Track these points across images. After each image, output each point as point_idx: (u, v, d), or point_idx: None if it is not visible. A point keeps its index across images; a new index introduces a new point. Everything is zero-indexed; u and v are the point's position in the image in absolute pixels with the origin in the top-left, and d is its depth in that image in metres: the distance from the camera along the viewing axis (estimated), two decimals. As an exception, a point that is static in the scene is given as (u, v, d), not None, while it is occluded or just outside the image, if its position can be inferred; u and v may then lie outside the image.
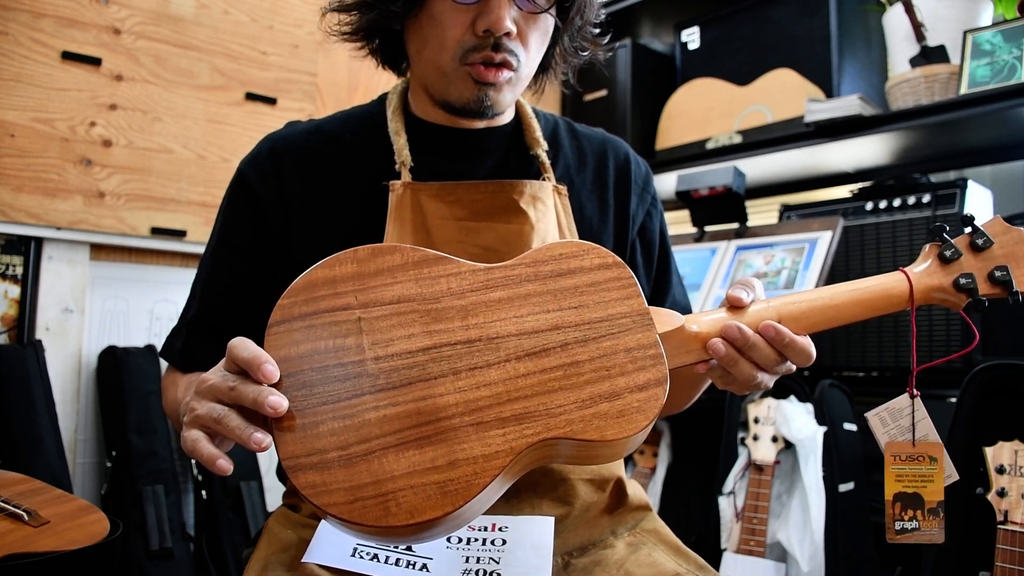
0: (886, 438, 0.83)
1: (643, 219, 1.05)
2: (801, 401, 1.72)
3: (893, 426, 0.83)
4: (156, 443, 1.70)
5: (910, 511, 0.81)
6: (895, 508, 0.81)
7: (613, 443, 0.64)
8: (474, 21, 0.84)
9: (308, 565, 0.80)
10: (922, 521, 0.81)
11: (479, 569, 0.77)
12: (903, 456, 0.82)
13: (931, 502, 0.81)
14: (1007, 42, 1.69)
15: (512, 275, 0.71)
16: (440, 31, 0.85)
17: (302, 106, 2.05)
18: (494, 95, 0.88)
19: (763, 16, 2.19)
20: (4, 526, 1.12)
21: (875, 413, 0.83)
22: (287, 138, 0.96)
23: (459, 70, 0.86)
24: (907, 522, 0.81)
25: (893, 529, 0.81)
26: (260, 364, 0.64)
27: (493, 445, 0.63)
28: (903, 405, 0.82)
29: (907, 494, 0.81)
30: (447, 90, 0.89)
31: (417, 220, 0.90)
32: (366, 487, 0.61)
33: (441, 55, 0.86)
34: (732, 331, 0.71)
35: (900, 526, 0.81)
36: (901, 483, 0.82)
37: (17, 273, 1.69)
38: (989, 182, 2.02)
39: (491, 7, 0.83)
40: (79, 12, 1.72)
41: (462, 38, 0.84)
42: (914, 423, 0.82)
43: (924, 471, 0.81)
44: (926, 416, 0.82)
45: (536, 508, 0.89)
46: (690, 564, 0.89)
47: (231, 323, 0.93)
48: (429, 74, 0.90)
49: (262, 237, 0.93)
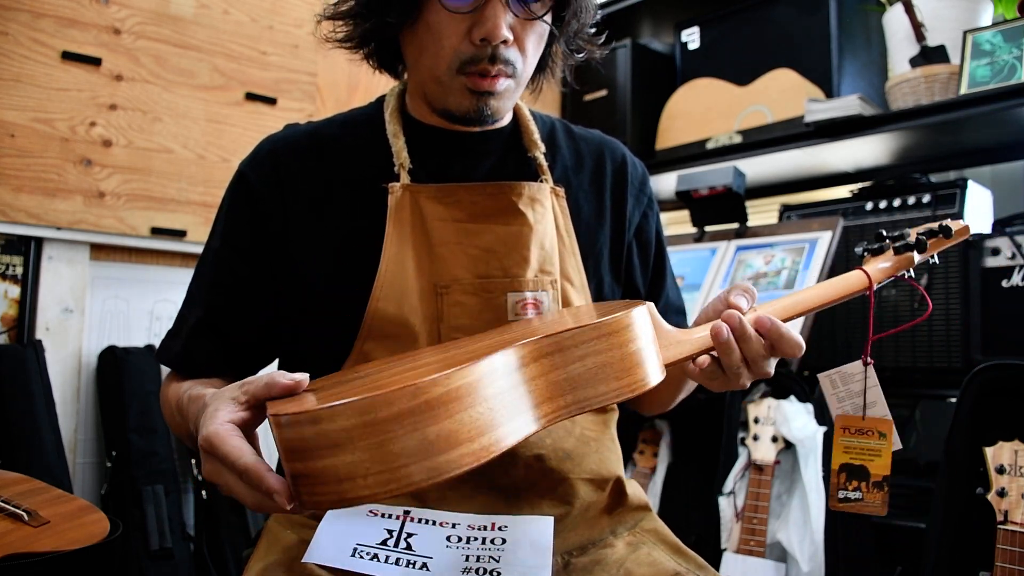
0: (834, 399, 0.86)
1: (639, 220, 1.05)
2: (801, 401, 1.72)
3: (843, 389, 0.86)
4: (156, 443, 1.70)
5: (855, 482, 0.84)
6: (840, 478, 0.84)
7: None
8: (470, 29, 0.83)
9: (308, 565, 0.80)
10: (866, 493, 0.83)
11: (479, 568, 0.77)
12: (853, 429, 0.85)
13: (876, 476, 0.83)
14: (1007, 42, 1.70)
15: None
16: (436, 40, 0.84)
17: (302, 106, 2.05)
18: (494, 103, 0.87)
19: (763, 16, 2.19)
20: (4, 526, 1.12)
21: (827, 375, 0.86)
22: (287, 140, 0.96)
23: (456, 80, 0.86)
24: (851, 492, 0.84)
25: (836, 497, 0.84)
26: (261, 477, 0.58)
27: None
28: (855, 371, 0.85)
29: (853, 465, 0.84)
30: (445, 99, 0.88)
31: (416, 222, 0.90)
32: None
33: (437, 64, 0.85)
34: (734, 320, 0.75)
35: (843, 495, 0.84)
36: (849, 455, 0.84)
37: (17, 273, 1.69)
38: (989, 182, 2.02)
39: (487, 15, 0.82)
40: (79, 12, 1.72)
41: (458, 47, 0.84)
42: (865, 388, 0.84)
43: (872, 445, 0.84)
44: (876, 384, 0.84)
45: (536, 508, 0.89)
46: (690, 564, 0.89)
47: (232, 325, 0.93)
48: (427, 82, 0.89)
49: (262, 238, 0.93)
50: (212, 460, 0.62)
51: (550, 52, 0.98)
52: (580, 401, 0.64)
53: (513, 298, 0.89)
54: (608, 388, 0.64)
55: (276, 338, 0.96)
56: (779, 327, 0.76)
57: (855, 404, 0.84)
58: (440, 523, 0.81)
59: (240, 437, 0.62)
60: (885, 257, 0.88)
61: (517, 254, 0.90)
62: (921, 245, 0.87)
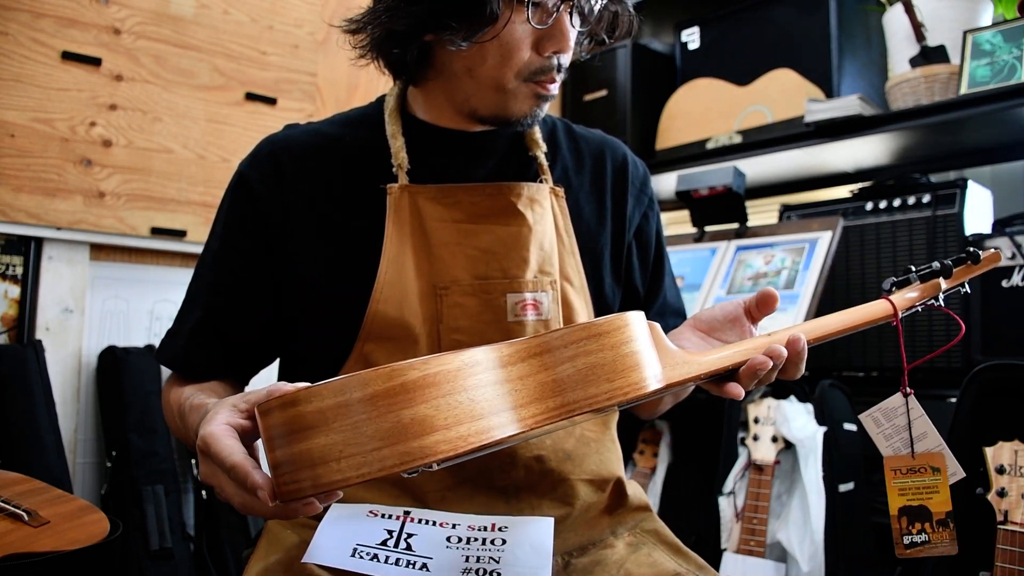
0: (881, 438, 0.81)
1: (640, 221, 1.05)
2: (801, 401, 1.72)
3: (888, 425, 0.81)
4: (156, 443, 1.70)
5: (918, 524, 0.79)
6: (902, 523, 0.80)
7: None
8: (539, 42, 0.85)
9: (308, 565, 0.80)
10: (931, 534, 0.79)
11: (479, 568, 0.77)
12: (903, 469, 0.80)
13: (939, 513, 0.79)
14: (1007, 42, 1.69)
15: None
16: (506, 51, 0.85)
17: (302, 106, 2.05)
18: (545, 106, 0.91)
19: (763, 16, 2.19)
20: (4, 526, 1.12)
21: (868, 414, 0.82)
22: (286, 140, 0.96)
23: (522, 87, 0.88)
24: (915, 535, 0.79)
25: (902, 544, 0.79)
26: (253, 488, 0.58)
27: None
28: (896, 404, 0.81)
29: (912, 507, 0.80)
30: (505, 105, 0.89)
31: (415, 222, 0.90)
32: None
33: (503, 74, 0.86)
34: (778, 352, 0.72)
35: (909, 540, 0.79)
36: (905, 497, 0.80)
37: (17, 273, 1.69)
38: (989, 182, 2.02)
39: (560, 30, 0.85)
40: (79, 12, 1.72)
41: (529, 59, 0.86)
42: (910, 422, 0.81)
43: (928, 482, 0.80)
44: (923, 414, 0.81)
45: (536, 508, 0.89)
46: (690, 564, 0.89)
47: (233, 326, 0.93)
48: (482, 90, 0.88)
49: (262, 238, 0.93)
50: (208, 461, 0.63)
51: None
52: (569, 404, 0.61)
53: (512, 299, 0.89)
54: (599, 391, 0.61)
55: (276, 339, 0.96)
56: (805, 351, 0.75)
57: (904, 440, 0.81)
58: (440, 523, 0.81)
59: (234, 438, 0.62)
60: (912, 287, 0.85)
61: (516, 255, 0.90)
62: (947, 271, 0.84)
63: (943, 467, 0.79)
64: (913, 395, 0.80)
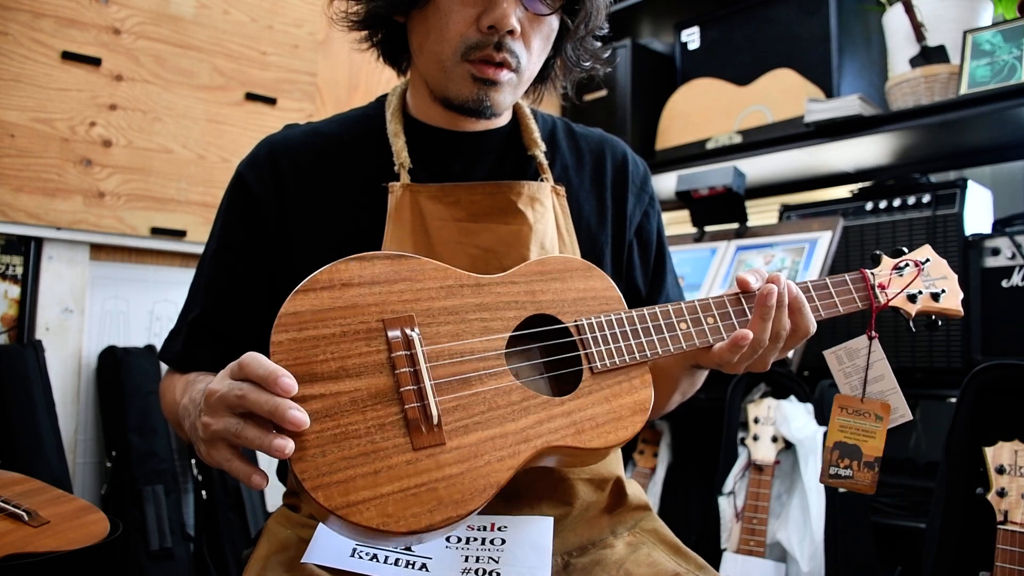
0: (841, 375, 0.88)
1: (640, 219, 1.05)
2: (801, 401, 1.72)
3: (849, 364, 0.88)
4: (156, 443, 1.70)
5: (847, 460, 0.86)
6: (833, 455, 0.87)
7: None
8: (479, 16, 0.84)
9: (308, 565, 0.80)
10: (856, 471, 0.86)
11: (479, 568, 0.77)
12: (850, 409, 0.87)
13: (868, 456, 0.86)
14: (1007, 42, 1.69)
15: None
16: (443, 23, 0.85)
17: (302, 106, 2.05)
18: (494, 95, 0.88)
19: (763, 16, 2.19)
20: (4, 526, 1.12)
21: (832, 351, 0.89)
22: (285, 140, 0.96)
23: (459, 66, 0.86)
24: (842, 469, 0.86)
25: (827, 473, 0.87)
26: (277, 378, 0.64)
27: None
28: (860, 346, 0.87)
29: (847, 444, 0.87)
30: (446, 86, 0.89)
31: (416, 222, 0.90)
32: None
33: (443, 48, 0.86)
34: (780, 282, 0.82)
35: (834, 471, 0.87)
36: (843, 433, 0.87)
37: (17, 273, 1.69)
38: (989, 182, 2.02)
39: (497, 3, 0.83)
40: (79, 12, 1.72)
41: (466, 32, 0.85)
42: (869, 364, 0.87)
43: (867, 427, 0.86)
44: (883, 357, 0.87)
45: (536, 508, 0.89)
46: (689, 564, 0.89)
47: (232, 326, 0.93)
48: (430, 68, 0.90)
49: (261, 239, 0.93)
50: (218, 412, 0.66)
51: (554, 62, 0.99)
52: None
53: None
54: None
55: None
56: (803, 298, 0.82)
57: (862, 379, 0.87)
58: (440, 523, 0.81)
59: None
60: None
61: (516, 253, 0.90)
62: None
63: (885, 416, 0.86)
64: (877, 339, 0.87)
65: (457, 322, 0.75)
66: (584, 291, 0.82)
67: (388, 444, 0.66)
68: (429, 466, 0.66)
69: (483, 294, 0.77)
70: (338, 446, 0.65)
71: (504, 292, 0.79)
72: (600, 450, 0.74)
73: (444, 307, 0.75)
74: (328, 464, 0.64)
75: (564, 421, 0.73)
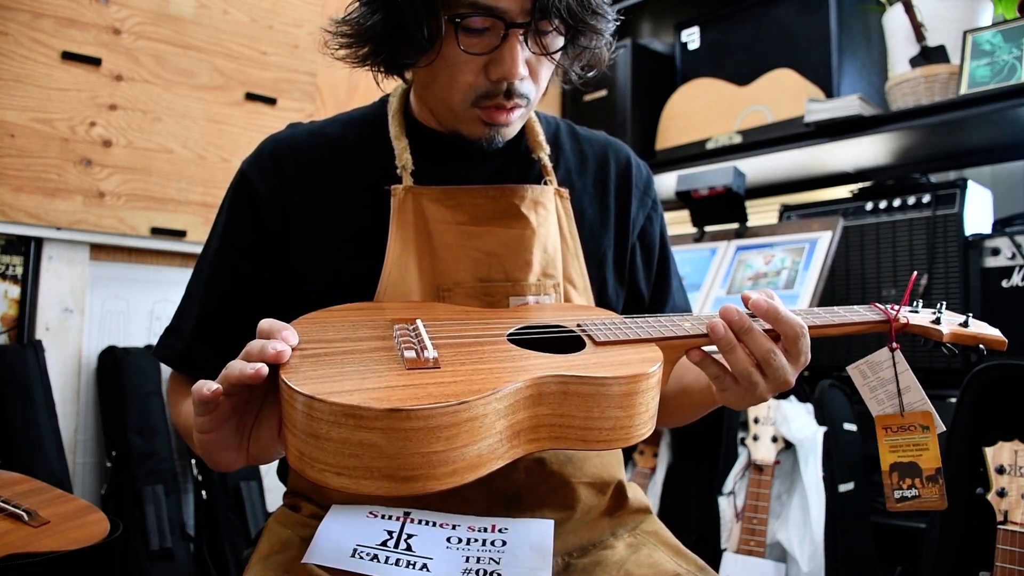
0: (866, 390, 0.84)
1: (643, 223, 1.04)
2: (801, 401, 1.72)
3: (873, 378, 0.84)
4: (156, 443, 1.70)
5: (908, 480, 0.82)
6: (893, 478, 0.82)
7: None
8: (487, 66, 0.82)
9: (308, 565, 0.80)
10: (921, 488, 0.82)
11: (479, 569, 0.77)
12: (895, 427, 0.83)
13: (928, 469, 0.82)
14: (1007, 42, 1.69)
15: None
16: (452, 73, 0.83)
17: (302, 106, 2.05)
18: (505, 131, 0.88)
19: (763, 16, 2.19)
20: (4, 526, 1.12)
21: (855, 366, 0.85)
22: (289, 140, 0.96)
23: (469, 112, 0.85)
24: (906, 491, 0.82)
25: (893, 499, 0.82)
26: (280, 329, 0.68)
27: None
28: (882, 358, 0.84)
29: (903, 463, 0.82)
30: (456, 125, 0.89)
31: (419, 224, 0.90)
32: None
33: (451, 95, 0.85)
34: (731, 312, 0.77)
35: (900, 495, 0.82)
36: (896, 454, 0.83)
37: (17, 273, 1.69)
38: (989, 182, 2.02)
39: (504, 55, 0.81)
40: (79, 12, 1.72)
41: (475, 83, 0.83)
42: (897, 375, 0.83)
43: (917, 440, 0.82)
44: (907, 368, 0.83)
45: (536, 512, 0.88)
46: (690, 565, 0.89)
47: (233, 325, 0.93)
48: (438, 106, 0.89)
49: (263, 238, 0.92)
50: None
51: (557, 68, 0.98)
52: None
53: (515, 302, 0.89)
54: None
55: (277, 338, 0.96)
56: (777, 306, 0.77)
57: (888, 392, 0.83)
58: (440, 524, 0.81)
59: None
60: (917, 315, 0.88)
61: (519, 257, 0.90)
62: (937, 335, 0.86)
63: (932, 424, 0.82)
64: (899, 350, 0.83)
65: (459, 324, 0.80)
66: (583, 310, 0.88)
67: (382, 367, 0.69)
68: (422, 377, 0.67)
69: (486, 315, 0.84)
70: (332, 367, 0.68)
71: (505, 313, 0.85)
72: (610, 385, 0.71)
73: (448, 317, 0.82)
74: (318, 373, 0.66)
75: (566, 364, 0.74)
